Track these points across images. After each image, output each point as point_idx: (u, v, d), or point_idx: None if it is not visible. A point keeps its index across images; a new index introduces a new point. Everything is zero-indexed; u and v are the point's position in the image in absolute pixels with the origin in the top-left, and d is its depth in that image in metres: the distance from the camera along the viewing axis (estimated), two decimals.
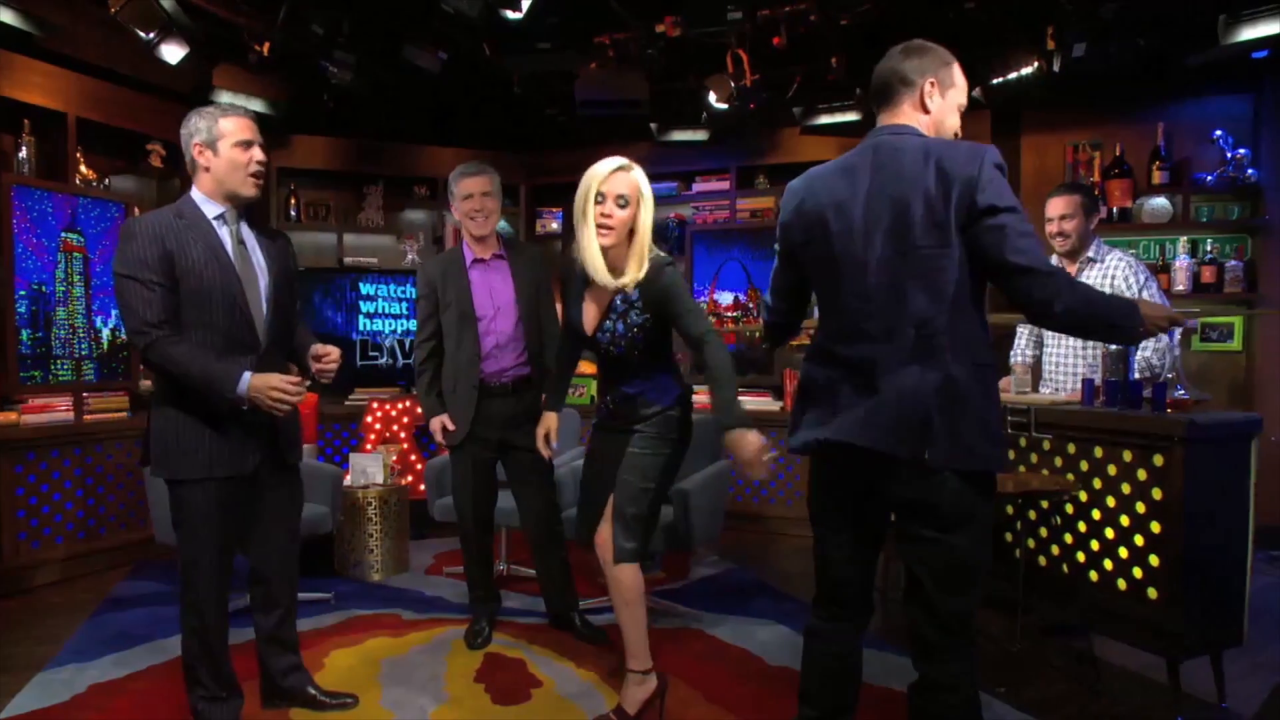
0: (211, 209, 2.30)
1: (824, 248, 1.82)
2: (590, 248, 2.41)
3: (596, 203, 2.39)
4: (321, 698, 2.65)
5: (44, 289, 4.05)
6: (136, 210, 4.58)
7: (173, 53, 3.90)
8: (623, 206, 2.39)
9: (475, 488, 3.19)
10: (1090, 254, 3.32)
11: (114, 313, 4.36)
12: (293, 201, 5.64)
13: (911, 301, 1.71)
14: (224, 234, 2.30)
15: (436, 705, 2.69)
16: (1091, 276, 3.30)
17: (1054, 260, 3.45)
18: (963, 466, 1.71)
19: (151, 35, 3.80)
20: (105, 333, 4.34)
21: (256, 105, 4.55)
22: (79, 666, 2.97)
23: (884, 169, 1.76)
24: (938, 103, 1.85)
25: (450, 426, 3.18)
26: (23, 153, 4.13)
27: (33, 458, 3.89)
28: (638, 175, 2.45)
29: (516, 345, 3.18)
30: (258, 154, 2.30)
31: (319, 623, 3.42)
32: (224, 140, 2.26)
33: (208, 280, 2.23)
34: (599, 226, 2.39)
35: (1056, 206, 3.32)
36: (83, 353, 4.23)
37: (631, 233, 2.45)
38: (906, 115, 1.85)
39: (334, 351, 2.44)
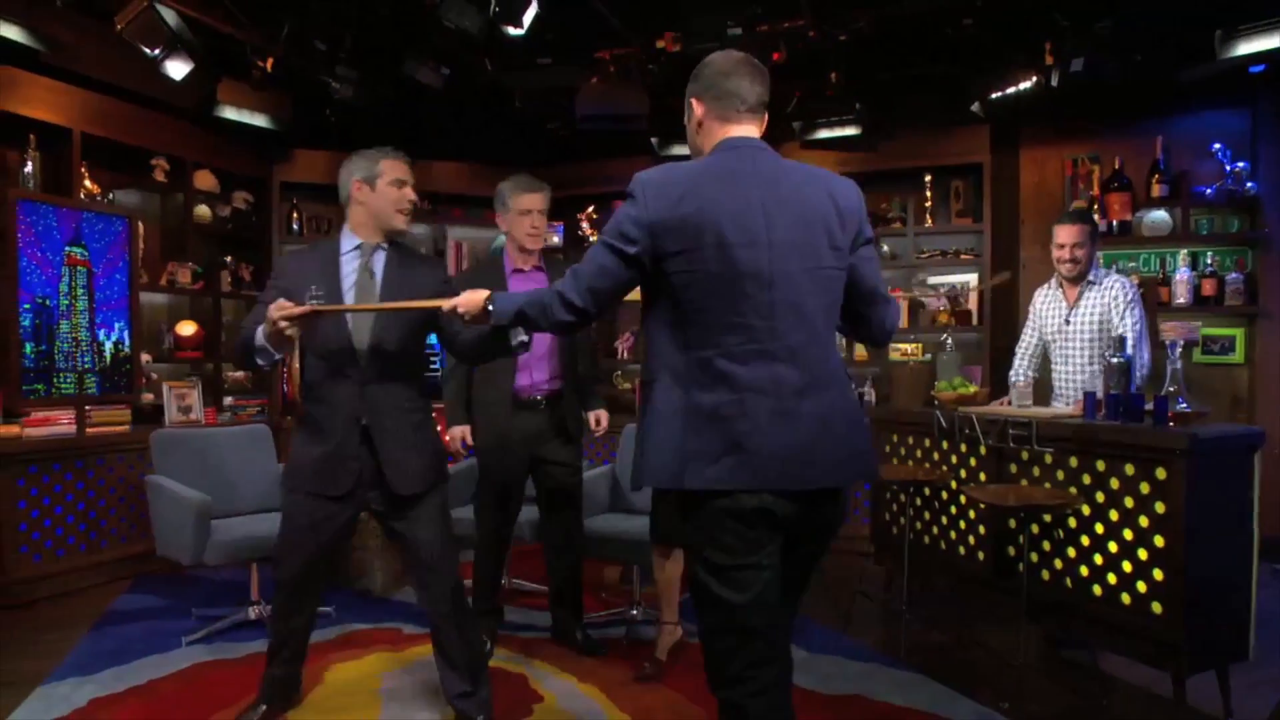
0: (350, 242, 2.48)
1: (716, 259, 1.63)
2: None
3: None
4: None
5: (48, 302, 4.06)
6: (140, 224, 4.61)
7: (177, 69, 3.95)
8: None
9: (502, 502, 3.14)
10: (1090, 278, 3.42)
11: (117, 325, 4.38)
12: (295, 215, 5.67)
13: (815, 322, 1.69)
14: (351, 266, 2.43)
15: None
16: (1091, 297, 3.40)
17: (1053, 284, 3.54)
18: (875, 478, 1.94)
19: (156, 51, 3.84)
20: (108, 346, 4.35)
21: (259, 120, 4.58)
22: (79, 680, 2.96)
23: (778, 183, 1.68)
24: None
25: (469, 440, 3.16)
26: (28, 167, 4.16)
27: (34, 471, 3.89)
28: None
29: (551, 359, 3.15)
30: (409, 193, 2.53)
31: (319, 636, 3.38)
32: (382, 178, 2.47)
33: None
34: None
35: (1069, 234, 3.38)
36: (85, 366, 4.23)
37: None
38: (754, 133, 1.79)
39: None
